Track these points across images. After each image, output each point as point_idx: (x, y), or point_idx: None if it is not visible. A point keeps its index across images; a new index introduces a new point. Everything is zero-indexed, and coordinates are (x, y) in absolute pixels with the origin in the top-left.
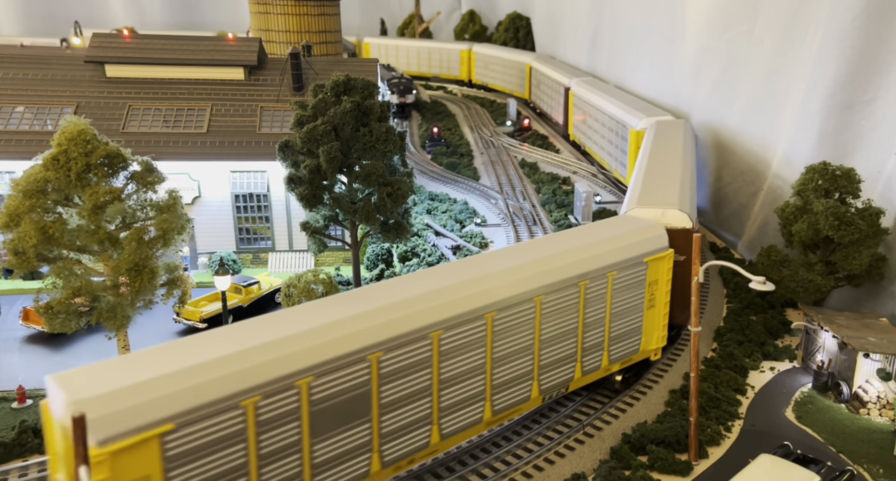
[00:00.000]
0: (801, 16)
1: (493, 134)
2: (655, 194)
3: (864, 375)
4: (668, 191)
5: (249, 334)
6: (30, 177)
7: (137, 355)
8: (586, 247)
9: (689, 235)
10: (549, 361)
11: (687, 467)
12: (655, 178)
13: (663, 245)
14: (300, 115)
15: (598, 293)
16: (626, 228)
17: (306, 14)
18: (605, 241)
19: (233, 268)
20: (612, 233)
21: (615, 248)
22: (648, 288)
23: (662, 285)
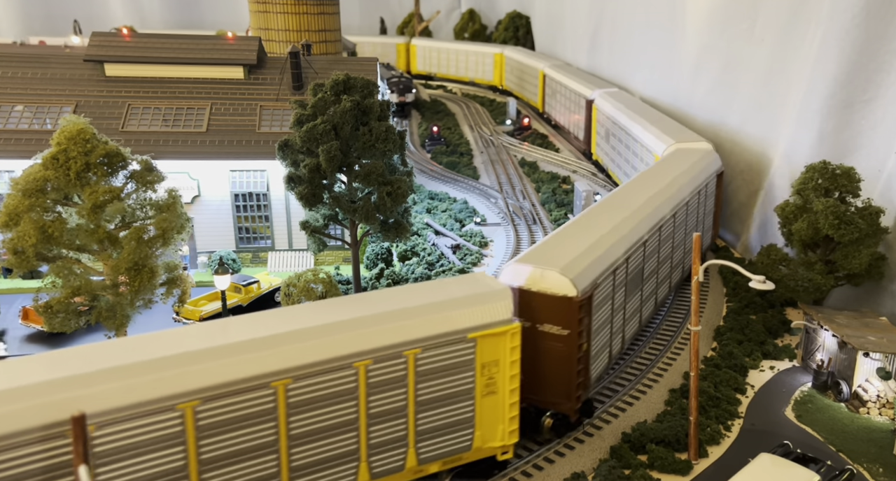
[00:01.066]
0: (802, 14)
1: (493, 133)
2: (550, 249)
3: (863, 374)
4: (570, 246)
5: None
6: (29, 177)
7: None
8: (382, 316)
9: (571, 305)
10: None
11: (687, 466)
12: (580, 225)
13: (504, 317)
14: (300, 114)
15: (391, 376)
16: (457, 293)
17: (306, 13)
18: (413, 310)
19: (232, 268)
20: (430, 299)
21: (424, 321)
22: (481, 370)
23: (506, 367)
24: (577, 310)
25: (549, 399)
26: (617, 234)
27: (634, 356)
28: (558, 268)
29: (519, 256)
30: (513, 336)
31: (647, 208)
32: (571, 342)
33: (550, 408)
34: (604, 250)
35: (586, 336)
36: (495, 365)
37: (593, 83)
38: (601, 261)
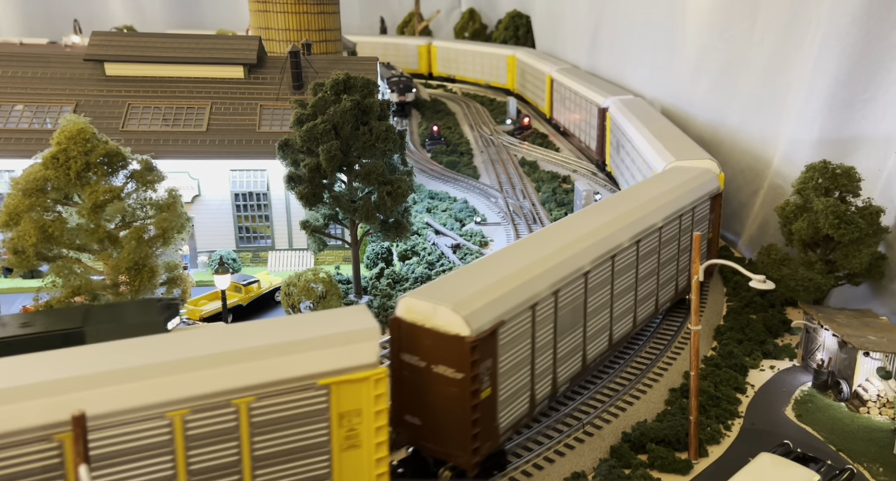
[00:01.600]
0: (802, 14)
1: (493, 132)
2: (455, 281)
3: (863, 374)
4: (478, 279)
5: None
6: (29, 176)
7: None
8: (209, 358)
9: (463, 346)
10: None
11: (687, 466)
12: (502, 256)
13: (366, 361)
14: (300, 114)
15: (217, 427)
16: (313, 331)
17: (306, 12)
18: (251, 352)
19: (232, 267)
20: (279, 338)
21: (260, 365)
22: (339, 421)
23: (370, 418)
24: (471, 352)
25: (445, 450)
26: (541, 266)
27: (635, 355)
28: (451, 304)
29: (418, 288)
30: (377, 382)
31: (595, 236)
32: (465, 387)
33: (448, 460)
34: (518, 284)
35: (488, 380)
36: (357, 415)
37: (606, 90)
38: (512, 295)
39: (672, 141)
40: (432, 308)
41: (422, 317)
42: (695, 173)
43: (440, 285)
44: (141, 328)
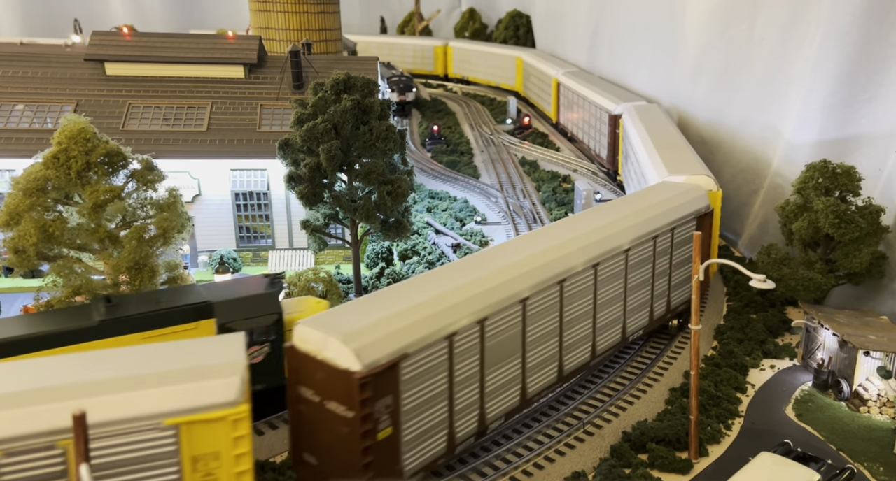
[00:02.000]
0: (802, 14)
1: (493, 132)
2: (358, 308)
3: (864, 373)
4: (385, 306)
5: None
6: (30, 176)
7: None
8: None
9: (351, 382)
10: None
11: (687, 465)
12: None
13: (223, 399)
14: (300, 114)
15: (40, 471)
16: (165, 364)
17: (306, 12)
18: (82, 388)
19: (233, 267)
20: (119, 372)
21: (97, 402)
22: (193, 465)
23: (229, 462)
24: (361, 389)
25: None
26: (463, 293)
27: (635, 355)
28: (341, 335)
29: (317, 314)
30: (236, 423)
31: (539, 259)
32: (356, 427)
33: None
34: (430, 312)
35: (387, 419)
36: (215, 458)
37: (619, 95)
38: (421, 325)
39: (673, 153)
40: (323, 338)
41: (314, 347)
42: (679, 190)
43: (341, 312)
44: (261, 300)
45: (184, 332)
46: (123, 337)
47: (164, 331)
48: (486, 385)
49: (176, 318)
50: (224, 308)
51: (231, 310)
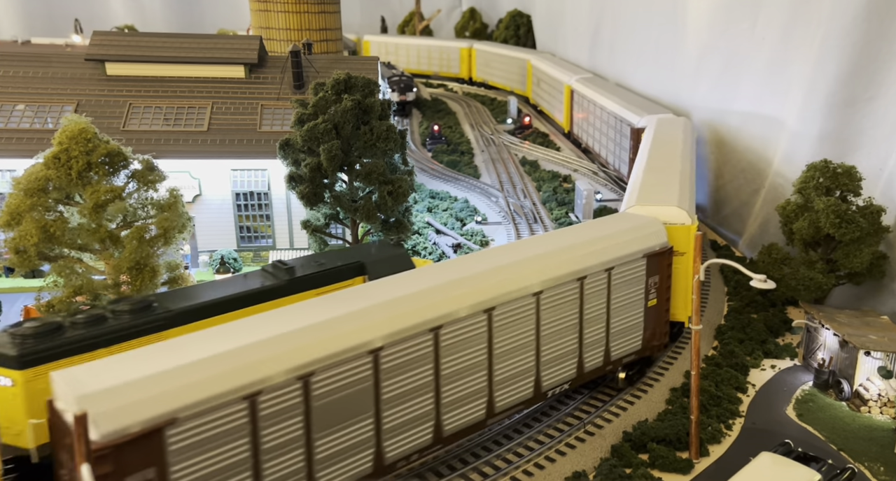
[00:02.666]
0: (803, 14)
1: (494, 132)
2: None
3: (865, 373)
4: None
5: None
6: (31, 176)
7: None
8: None
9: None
10: None
11: (688, 465)
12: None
13: None
14: (301, 114)
15: None
16: None
17: (307, 12)
18: None
19: (233, 267)
20: None
21: None
22: None
23: None
24: (98, 462)
25: None
26: (280, 344)
27: None
28: (78, 395)
29: (78, 366)
30: None
31: (404, 304)
32: None
33: None
34: (224, 368)
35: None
36: None
37: (641, 106)
38: (204, 383)
39: (659, 177)
40: (69, 396)
41: (63, 404)
42: (632, 224)
43: (107, 364)
44: (400, 259)
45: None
46: (303, 293)
47: (331, 287)
48: (316, 452)
49: (341, 276)
50: (374, 266)
51: (379, 268)
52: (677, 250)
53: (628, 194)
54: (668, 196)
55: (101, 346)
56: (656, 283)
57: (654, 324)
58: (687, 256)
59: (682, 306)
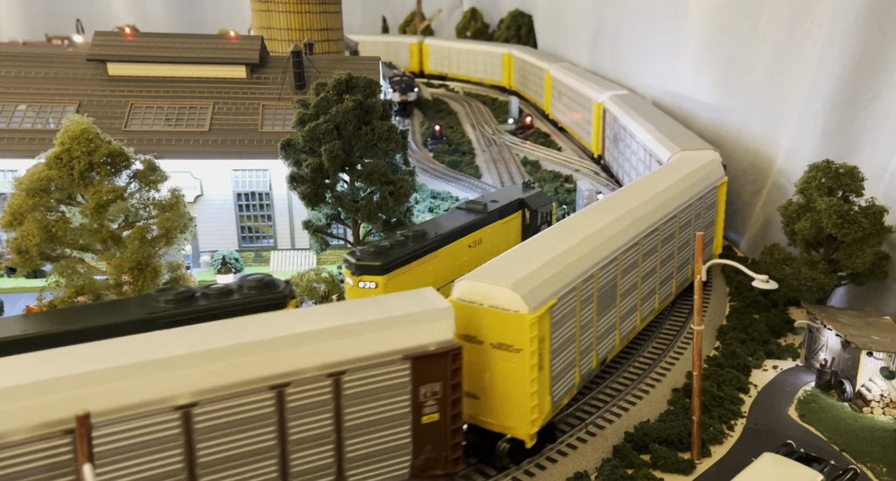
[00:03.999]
0: (805, 14)
1: (495, 132)
2: None
3: (867, 374)
4: None
5: None
6: (33, 176)
7: None
8: None
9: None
10: None
11: (690, 466)
12: None
13: None
14: (302, 114)
15: None
16: None
17: (308, 12)
18: None
19: (235, 267)
20: None
21: None
22: None
23: None
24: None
25: None
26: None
27: (637, 355)
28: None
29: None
30: None
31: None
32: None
33: None
34: None
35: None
36: None
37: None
38: None
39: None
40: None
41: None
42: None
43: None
44: (542, 195)
45: (515, 219)
46: (496, 223)
47: (509, 217)
48: None
49: (513, 208)
50: (531, 201)
51: (533, 202)
52: (506, 344)
53: None
54: (508, 273)
55: (412, 260)
56: (436, 393)
57: (434, 445)
58: (523, 354)
59: (519, 416)
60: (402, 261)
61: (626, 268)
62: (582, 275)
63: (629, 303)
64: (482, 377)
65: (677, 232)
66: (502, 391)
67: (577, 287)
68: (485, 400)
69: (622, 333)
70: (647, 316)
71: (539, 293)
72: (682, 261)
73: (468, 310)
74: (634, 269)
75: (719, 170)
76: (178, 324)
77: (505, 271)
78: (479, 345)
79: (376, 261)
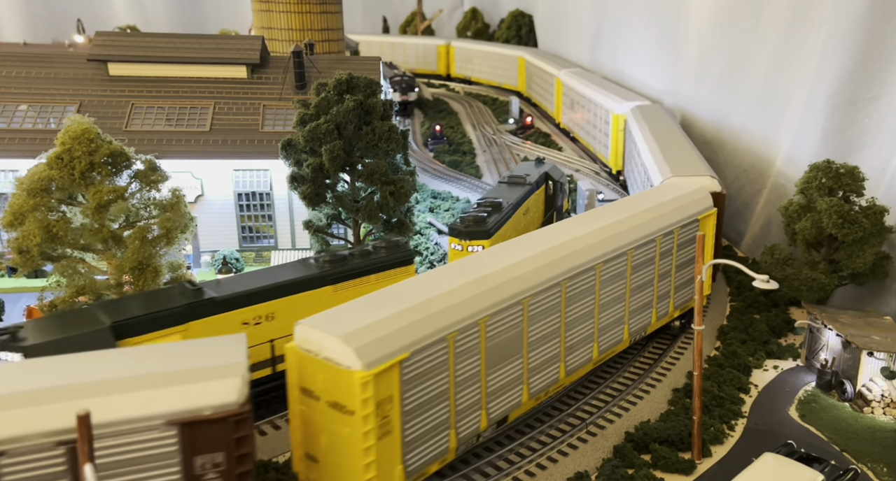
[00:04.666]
0: (806, 13)
1: (496, 132)
2: None
3: (867, 374)
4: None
5: None
6: (34, 176)
7: None
8: None
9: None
10: None
11: (690, 466)
12: None
13: None
14: (303, 114)
15: None
16: None
17: (309, 12)
18: None
19: (235, 267)
20: None
21: None
22: None
23: None
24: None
25: None
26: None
27: (638, 355)
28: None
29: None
30: None
31: None
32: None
33: None
34: None
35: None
36: None
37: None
38: None
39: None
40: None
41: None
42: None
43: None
44: (558, 169)
45: (541, 191)
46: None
47: (540, 189)
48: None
49: (541, 181)
50: (553, 173)
51: (555, 174)
52: (340, 404)
53: None
54: (350, 320)
55: (500, 227)
56: (218, 465)
57: None
58: (355, 418)
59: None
60: (496, 227)
61: (541, 313)
62: (458, 323)
63: (547, 352)
64: (319, 438)
65: (628, 271)
66: (337, 457)
67: (450, 337)
68: (323, 464)
69: (534, 387)
70: (577, 367)
71: (382, 345)
72: (638, 306)
73: (305, 359)
74: (555, 314)
75: (705, 201)
76: (339, 280)
77: (348, 317)
78: (317, 401)
79: (482, 227)
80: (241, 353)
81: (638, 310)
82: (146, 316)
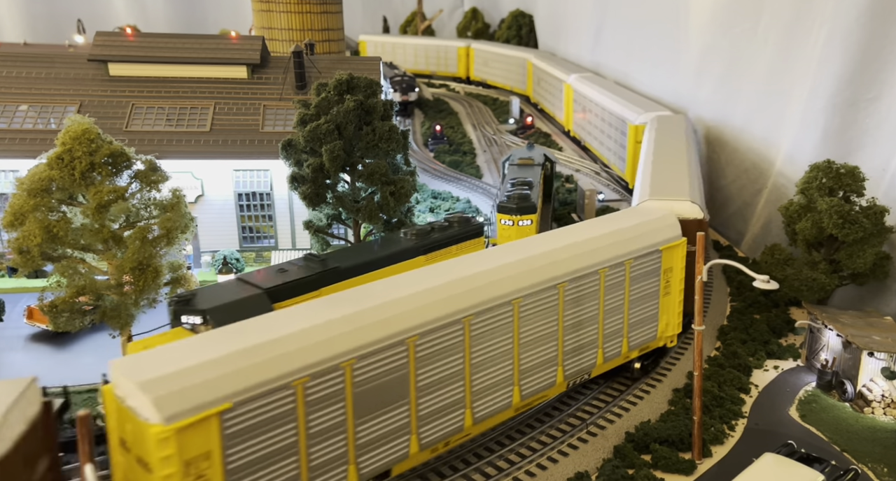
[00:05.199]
0: (806, 13)
1: (496, 132)
2: None
3: (868, 374)
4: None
5: None
6: (34, 176)
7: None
8: None
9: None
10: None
11: (690, 466)
12: None
13: None
14: (303, 114)
15: None
16: None
17: (309, 12)
18: None
19: (236, 267)
20: None
21: None
22: None
23: None
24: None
25: None
26: None
27: None
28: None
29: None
30: None
31: None
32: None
33: None
34: None
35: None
36: None
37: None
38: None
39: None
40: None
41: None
42: None
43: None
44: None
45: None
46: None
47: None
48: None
49: (544, 162)
50: (550, 155)
51: (551, 156)
52: (143, 461)
53: None
54: (159, 363)
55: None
56: None
57: None
58: (154, 477)
59: None
60: (537, 202)
61: (434, 354)
62: (312, 367)
63: (444, 398)
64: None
65: (560, 307)
66: None
67: (298, 383)
68: None
69: (427, 438)
70: (487, 415)
71: (193, 394)
72: (575, 346)
73: (117, 406)
74: (458, 355)
75: (671, 230)
76: (429, 250)
77: (166, 357)
78: (129, 453)
79: (528, 202)
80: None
81: (575, 350)
82: (291, 283)
